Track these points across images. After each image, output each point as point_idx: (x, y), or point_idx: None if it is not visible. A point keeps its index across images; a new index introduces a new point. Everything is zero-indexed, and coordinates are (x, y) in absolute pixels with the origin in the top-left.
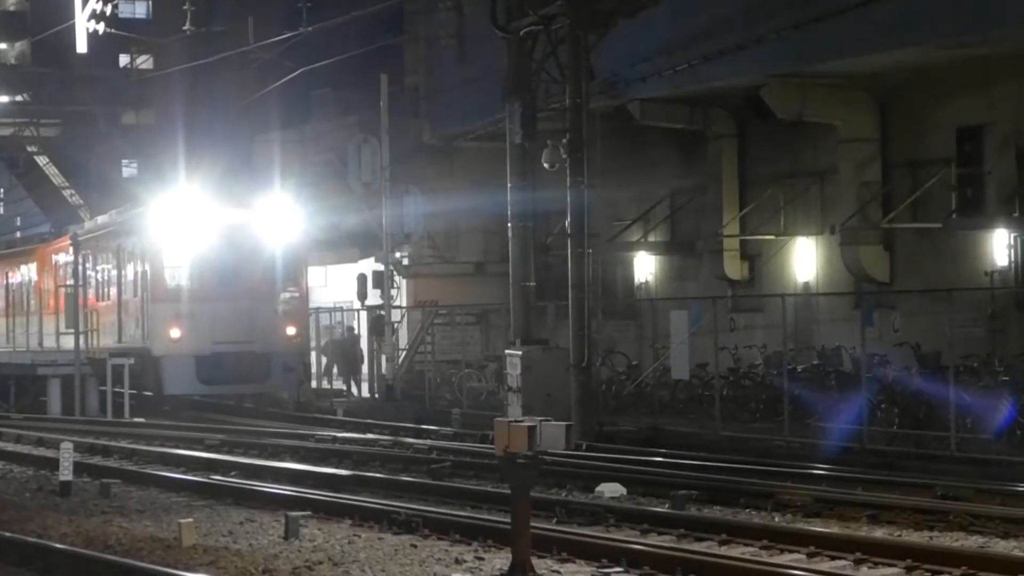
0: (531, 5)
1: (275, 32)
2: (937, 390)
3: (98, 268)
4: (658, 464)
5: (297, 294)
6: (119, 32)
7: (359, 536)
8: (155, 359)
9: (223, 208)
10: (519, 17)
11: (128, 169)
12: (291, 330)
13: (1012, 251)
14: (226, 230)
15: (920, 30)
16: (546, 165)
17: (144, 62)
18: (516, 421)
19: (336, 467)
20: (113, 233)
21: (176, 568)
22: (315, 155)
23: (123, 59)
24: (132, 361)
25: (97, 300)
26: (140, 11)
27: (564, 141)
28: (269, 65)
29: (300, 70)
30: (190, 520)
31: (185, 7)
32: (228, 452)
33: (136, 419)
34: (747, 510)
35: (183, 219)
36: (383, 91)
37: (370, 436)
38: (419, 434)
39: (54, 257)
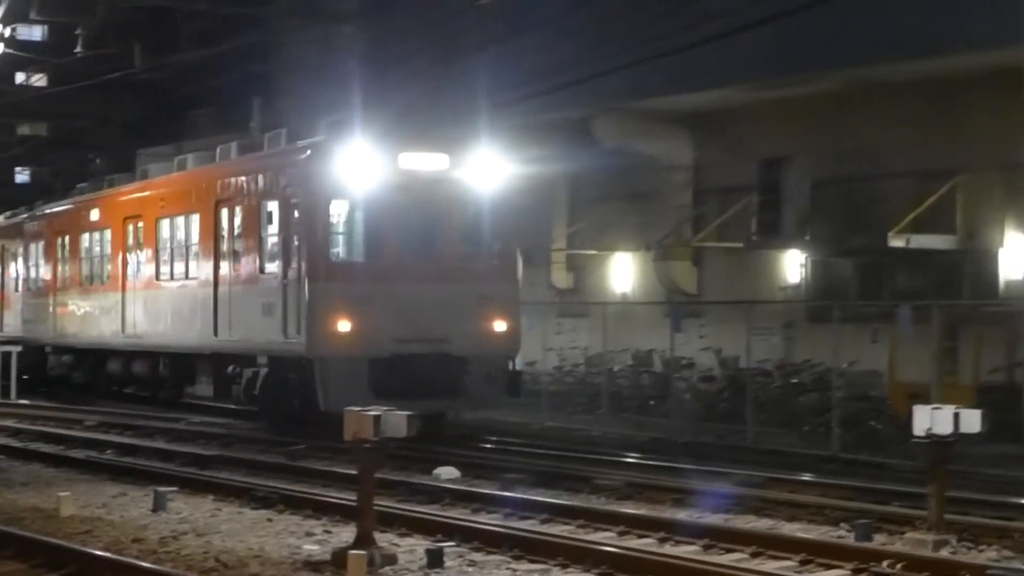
0: (390, 39)
1: (160, 56)
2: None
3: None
4: (490, 451)
5: (509, 276)
6: (17, 52)
7: (221, 510)
8: (309, 362)
9: (413, 151)
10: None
11: (21, 176)
12: (500, 325)
13: (803, 270)
14: (416, 183)
15: (729, 74)
16: None
17: (38, 80)
18: (364, 410)
19: (203, 448)
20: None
21: (55, 537)
22: None
23: (19, 77)
24: (20, 349)
25: (182, 277)
26: (36, 34)
27: None
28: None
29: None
30: (68, 493)
31: (77, 32)
32: (105, 432)
33: (21, 400)
34: (567, 492)
35: (354, 165)
36: (255, 112)
37: (234, 421)
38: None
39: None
